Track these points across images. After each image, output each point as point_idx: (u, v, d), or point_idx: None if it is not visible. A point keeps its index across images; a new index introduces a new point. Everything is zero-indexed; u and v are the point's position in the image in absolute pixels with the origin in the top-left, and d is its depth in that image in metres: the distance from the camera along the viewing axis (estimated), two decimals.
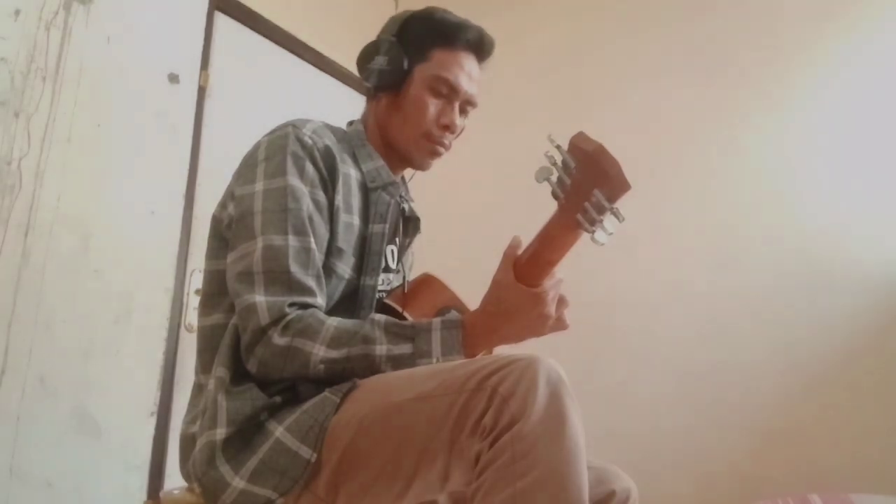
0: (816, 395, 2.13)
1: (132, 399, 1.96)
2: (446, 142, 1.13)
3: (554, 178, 0.85)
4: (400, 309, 1.07)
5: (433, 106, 1.10)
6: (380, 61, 1.09)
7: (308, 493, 0.86)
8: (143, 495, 1.95)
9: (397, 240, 1.17)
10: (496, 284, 0.92)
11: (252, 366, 0.91)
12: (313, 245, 0.95)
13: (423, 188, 1.35)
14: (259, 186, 0.97)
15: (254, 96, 2.49)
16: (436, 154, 1.13)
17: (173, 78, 2.17)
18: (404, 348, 0.89)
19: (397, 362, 0.89)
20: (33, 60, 1.80)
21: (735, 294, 2.32)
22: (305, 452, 0.84)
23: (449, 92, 1.10)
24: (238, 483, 0.86)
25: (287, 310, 0.90)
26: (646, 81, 2.63)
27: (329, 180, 1.00)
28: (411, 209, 1.21)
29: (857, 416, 2.06)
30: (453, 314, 1.07)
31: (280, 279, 0.91)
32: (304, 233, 0.94)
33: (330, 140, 1.03)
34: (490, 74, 1.32)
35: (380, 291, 1.09)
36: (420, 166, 1.16)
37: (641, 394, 2.39)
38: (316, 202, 0.97)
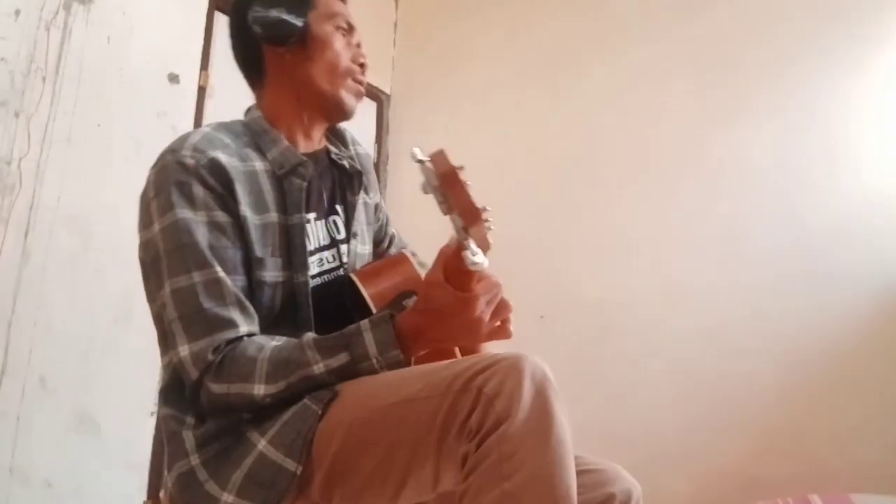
0: (816, 395, 2.13)
1: (132, 399, 1.96)
2: (364, 79, 1.11)
3: (428, 190, 0.81)
4: (359, 285, 1.03)
5: (343, 47, 1.07)
6: (278, 11, 1.02)
7: (302, 497, 0.85)
8: (143, 495, 1.95)
9: (338, 208, 1.12)
10: (426, 283, 0.90)
11: (205, 411, 0.90)
12: (221, 274, 0.90)
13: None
14: (156, 228, 0.92)
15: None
16: (361, 94, 1.10)
17: (173, 78, 2.17)
18: (341, 358, 0.87)
19: (340, 373, 0.86)
20: (33, 60, 1.80)
21: (735, 294, 2.32)
22: (291, 465, 0.83)
23: (348, 29, 1.09)
24: (227, 498, 0.85)
25: (210, 356, 0.87)
26: (646, 81, 2.63)
27: (226, 193, 0.93)
28: (351, 164, 1.15)
29: (857, 416, 2.06)
30: (412, 301, 1.02)
31: (196, 319, 0.88)
32: (207, 265, 0.90)
33: (220, 146, 0.96)
34: (490, 73, 1.31)
35: (326, 272, 1.05)
36: (347, 113, 1.10)
37: (641, 394, 2.39)
38: (216, 224, 0.92)
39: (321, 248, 1.06)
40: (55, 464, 1.75)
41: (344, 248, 1.10)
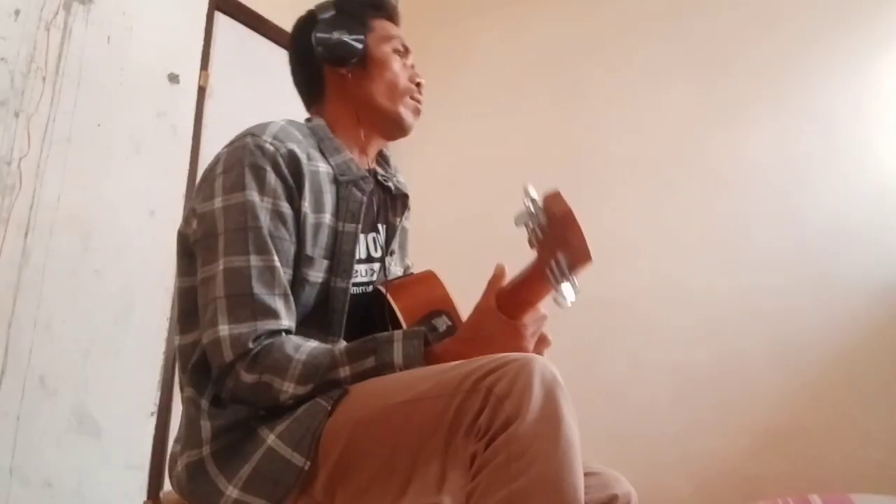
0: (816, 395, 2.13)
1: (132, 399, 1.96)
2: (422, 98, 1.16)
3: (531, 225, 0.85)
4: (392, 302, 1.05)
5: (401, 67, 1.13)
6: (340, 34, 1.08)
7: (305, 496, 0.85)
8: (143, 495, 1.95)
9: (379, 226, 1.16)
10: (478, 310, 0.92)
11: (224, 396, 0.91)
12: (277, 263, 0.92)
13: (422, 188, 1.35)
14: (218, 203, 0.94)
15: (254, 96, 2.49)
16: (418, 111, 1.15)
17: (173, 78, 2.17)
18: (367, 363, 0.88)
19: (362, 377, 0.88)
20: (33, 60, 1.80)
21: (735, 294, 2.32)
22: (298, 460, 0.83)
23: (404, 51, 1.16)
24: (231, 492, 0.86)
25: (251, 345, 0.88)
26: (646, 81, 2.63)
27: (295, 187, 0.96)
28: (397, 186, 1.20)
29: (857, 416, 2.06)
30: (442, 320, 1.05)
31: (244, 302, 0.89)
32: (267, 251, 0.92)
33: (295, 140, 1.00)
34: (491, 74, 1.32)
35: (359, 284, 1.08)
36: (406, 130, 1.14)
37: (641, 394, 2.39)
38: (279, 214, 0.94)
39: (360, 261, 1.08)
40: (55, 464, 1.75)
41: (377, 265, 1.13)
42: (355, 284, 1.06)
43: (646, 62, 2.64)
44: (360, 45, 1.09)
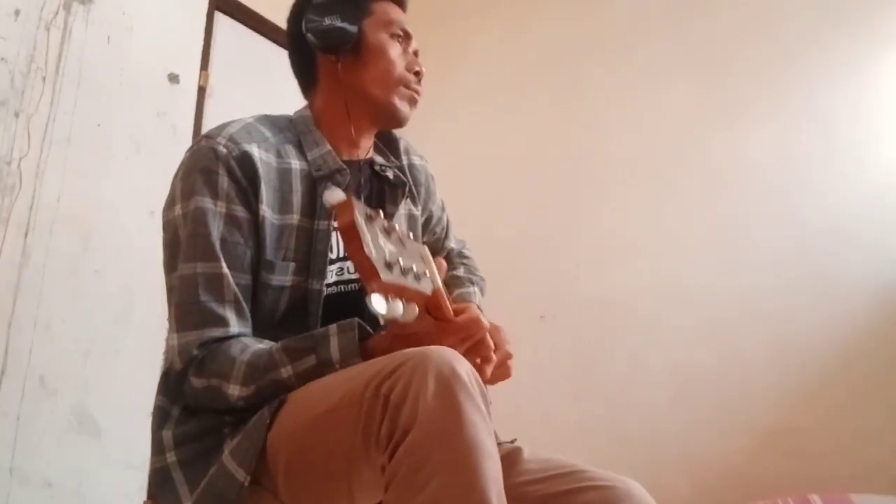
0: (816, 395, 2.13)
1: (132, 399, 1.96)
2: (420, 88, 1.08)
3: None
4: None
5: (398, 54, 1.06)
6: (332, 19, 1.01)
7: (278, 502, 0.84)
8: (143, 495, 1.94)
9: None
10: None
11: (188, 401, 0.91)
12: (224, 270, 0.89)
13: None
14: (177, 210, 0.93)
15: (254, 96, 2.49)
16: (414, 101, 1.08)
17: (173, 78, 2.17)
18: (308, 361, 0.85)
19: (307, 377, 0.84)
20: (33, 60, 1.80)
21: (735, 294, 2.32)
22: (240, 475, 0.81)
23: (404, 37, 1.08)
24: None
25: (195, 352, 0.87)
26: (646, 81, 2.63)
27: (250, 189, 0.92)
28: (396, 174, 1.12)
29: (857, 416, 2.06)
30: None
31: (191, 310, 0.88)
32: (214, 258, 0.89)
33: (257, 139, 0.96)
34: (490, 73, 1.32)
35: (343, 283, 1.03)
36: (400, 120, 1.07)
37: (641, 394, 2.39)
38: (233, 219, 0.91)
39: (344, 258, 1.03)
40: (55, 464, 1.75)
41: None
42: (341, 283, 1.02)
43: (646, 62, 2.64)
44: (353, 31, 1.01)
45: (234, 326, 0.90)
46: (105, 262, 1.92)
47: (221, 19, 2.40)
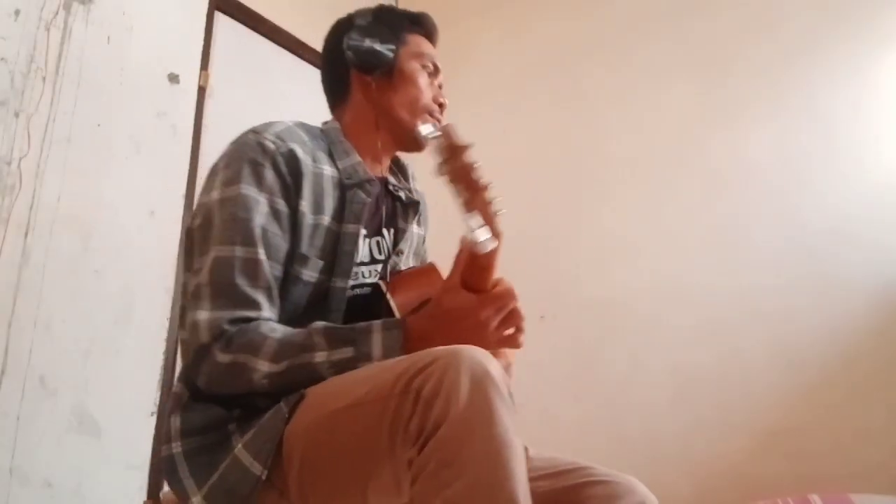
0: (816, 395, 2.13)
1: (132, 399, 1.96)
2: (442, 119, 1.16)
3: (445, 175, 0.85)
4: (387, 293, 1.05)
5: (425, 84, 1.14)
6: (372, 42, 1.09)
7: (284, 500, 0.85)
8: (143, 495, 1.95)
9: (384, 231, 1.15)
10: (442, 287, 0.91)
11: (200, 382, 0.90)
12: (262, 256, 0.92)
13: (421, 188, 1.34)
14: (215, 195, 0.95)
15: (254, 96, 2.49)
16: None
17: (173, 78, 2.17)
18: (345, 352, 0.86)
19: (340, 367, 0.85)
20: (33, 60, 1.80)
21: (735, 294, 2.32)
22: (256, 469, 0.82)
23: (434, 70, 1.17)
24: (196, 500, 0.86)
25: (226, 326, 0.88)
26: (646, 81, 2.63)
27: (293, 185, 0.97)
28: (409, 196, 1.20)
29: (858, 417, 2.06)
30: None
31: (225, 291, 0.90)
32: (253, 243, 0.92)
33: (298, 141, 1.01)
34: (490, 73, 1.33)
35: (363, 286, 1.08)
36: (421, 145, 1.13)
37: (641, 394, 2.39)
38: (274, 210, 0.95)
39: (362, 263, 1.09)
40: (55, 464, 1.75)
41: (381, 267, 1.13)
42: (357, 286, 1.06)
43: (646, 62, 2.64)
44: (390, 56, 1.10)
45: (266, 311, 0.92)
46: (105, 262, 1.92)
47: (221, 19, 2.40)
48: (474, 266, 0.87)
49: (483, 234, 0.78)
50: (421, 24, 1.18)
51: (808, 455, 2.09)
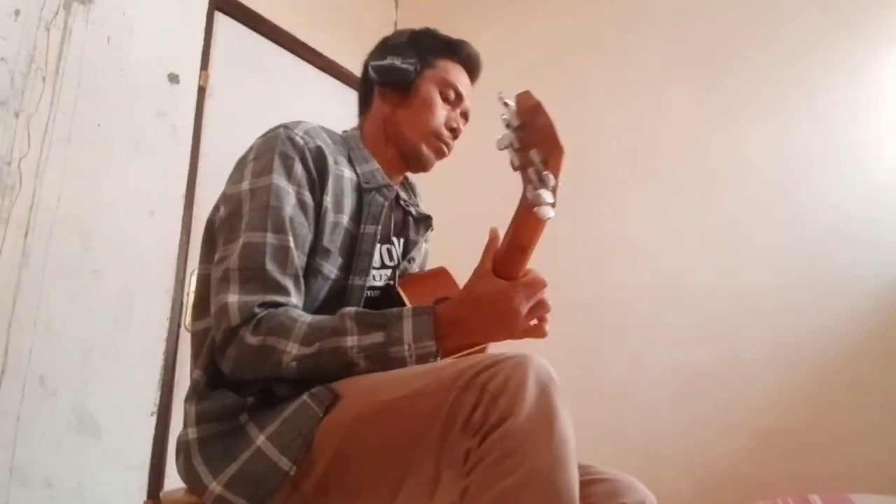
0: (816, 395, 2.13)
1: (132, 399, 1.96)
2: (451, 143, 1.18)
3: (510, 142, 0.83)
4: (401, 292, 1.07)
5: (441, 108, 1.16)
6: (393, 59, 1.14)
7: (297, 493, 0.85)
8: (143, 495, 1.95)
9: (394, 239, 1.18)
10: (473, 274, 0.92)
11: (225, 366, 0.91)
12: (292, 244, 0.95)
13: (421, 188, 1.35)
14: (245, 185, 0.98)
15: (254, 96, 2.49)
16: (441, 153, 1.18)
17: (173, 78, 2.17)
18: (376, 337, 0.88)
19: (369, 351, 0.87)
20: (33, 60, 1.80)
21: (735, 294, 2.32)
22: (285, 464, 0.83)
23: (455, 98, 1.18)
24: (215, 488, 0.87)
25: (257, 309, 0.90)
26: (646, 81, 2.63)
27: (318, 181, 1.01)
28: (419, 212, 1.25)
29: (857, 416, 2.06)
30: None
31: (255, 276, 0.92)
32: (283, 231, 0.95)
33: (323, 141, 1.04)
34: (490, 73, 1.33)
35: (373, 289, 1.10)
36: (424, 165, 1.17)
37: (641, 394, 2.39)
38: (301, 202, 0.98)
39: (384, 267, 1.13)
40: (55, 464, 1.75)
41: (390, 272, 1.16)
42: (369, 288, 1.08)
43: (646, 62, 2.64)
44: (406, 73, 1.14)
45: (294, 297, 0.94)
46: (105, 262, 1.92)
47: (221, 19, 2.40)
48: (513, 246, 0.86)
49: (549, 198, 0.77)
50: (456, 52, 1.21)
51: (808, 455, 2.09)
